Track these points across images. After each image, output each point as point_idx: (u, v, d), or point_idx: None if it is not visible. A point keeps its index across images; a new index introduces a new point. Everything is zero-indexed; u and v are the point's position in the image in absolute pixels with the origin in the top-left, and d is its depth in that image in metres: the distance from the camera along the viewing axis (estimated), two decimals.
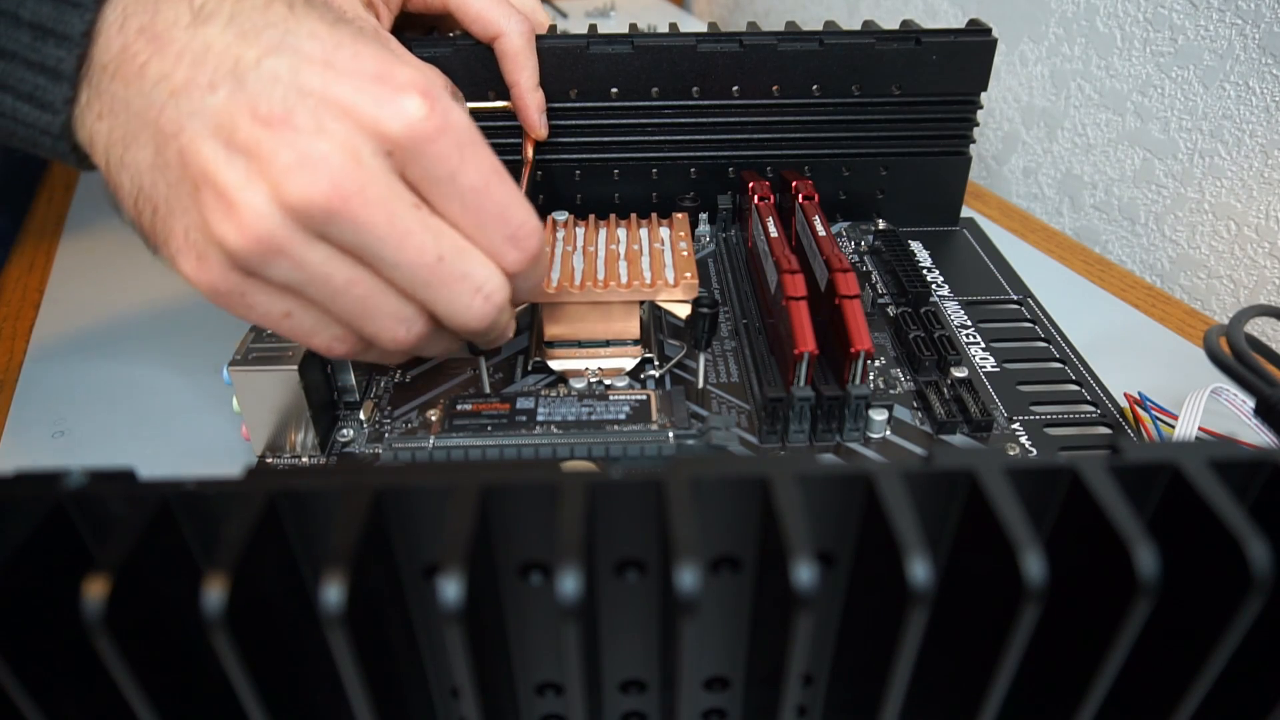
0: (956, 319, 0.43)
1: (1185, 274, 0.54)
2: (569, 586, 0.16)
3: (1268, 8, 0.46)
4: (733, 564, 0.19)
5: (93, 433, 0.38)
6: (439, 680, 0.22)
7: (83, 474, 0.18)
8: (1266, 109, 0.47)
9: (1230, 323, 0.30)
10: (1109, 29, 0.55)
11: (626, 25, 0.49)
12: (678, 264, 0.37)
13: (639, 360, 0.39)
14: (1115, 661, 0.17)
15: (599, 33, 0.46)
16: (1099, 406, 0.37)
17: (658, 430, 0.33)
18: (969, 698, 0.19)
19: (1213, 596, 0.17)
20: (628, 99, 0.46)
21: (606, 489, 0.18)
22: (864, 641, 0.20)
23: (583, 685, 0.18)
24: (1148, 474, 0.18)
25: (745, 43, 0.45)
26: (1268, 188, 0.48)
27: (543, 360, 0.39)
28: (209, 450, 0.36)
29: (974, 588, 0.18)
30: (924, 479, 0.18)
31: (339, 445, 0.35)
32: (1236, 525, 0.16)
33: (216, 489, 0.17)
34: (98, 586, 0.16)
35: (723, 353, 0.40)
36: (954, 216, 0.51)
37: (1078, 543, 0.18)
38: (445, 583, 0.16)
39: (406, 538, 0.19)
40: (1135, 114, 0.55)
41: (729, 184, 0.49)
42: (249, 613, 0.16)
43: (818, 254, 0.38)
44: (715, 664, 0.22)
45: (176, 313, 0.45)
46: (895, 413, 0.36)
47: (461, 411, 0.34)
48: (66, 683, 0.18)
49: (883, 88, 0.47)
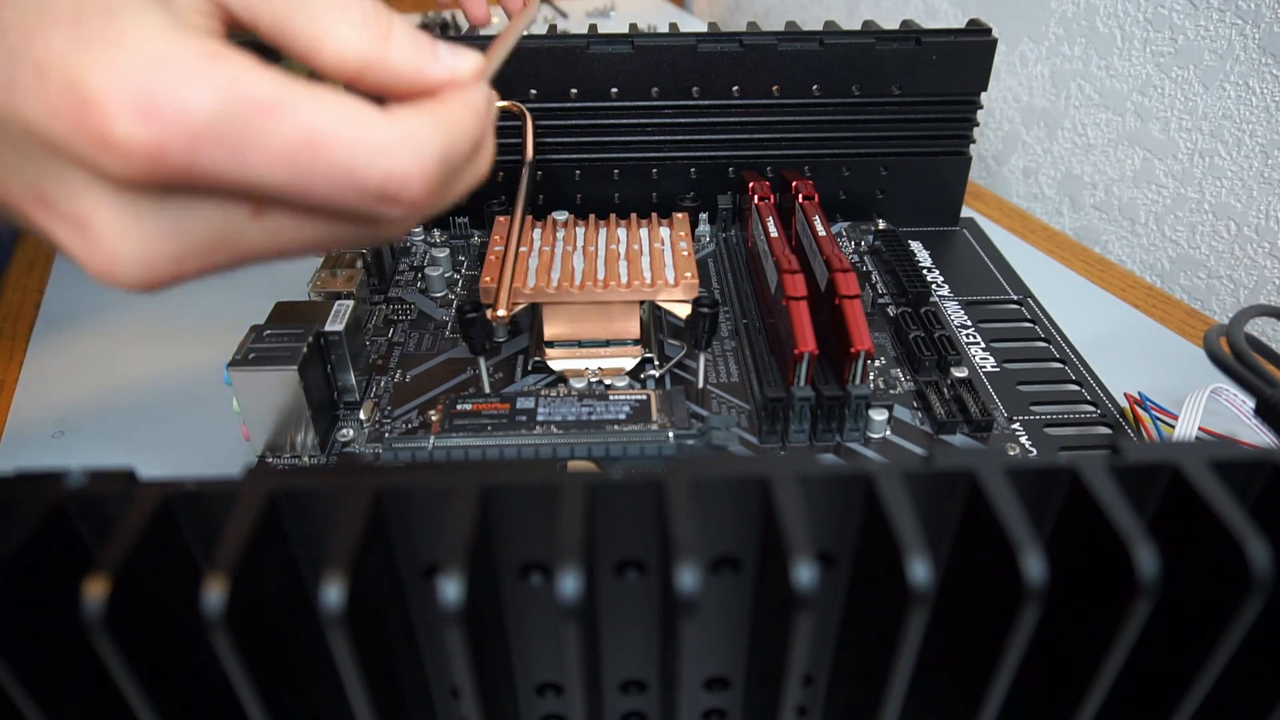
0: (956, 319, 0.43)
1: (1185, 274, 0.54)
2: (569, 586, 0.16)
3: (1268, 8, 0.46)
4: (733, 564, 0.19)
5: (93, 433, 0.38)
6: (439, 680, 0.22)
7: (83, 474, 0.18)
8: (1266, 109, 0.47)
9: (1230, 323, 0.30)
10: (1109, 29, 0.55)
11: (626, 25, 0.49)
12: (678, 264, 0.37)
13: (639, 360, 0.39)
14: (1115, 661, 0.17)
15: (599, 33, 0.46)
16: (1099, 406, 0.37)
17: (658, 430, 0.33)
18: (969, 698, 0.19)
19: (1213, 596, 0.17)
20: (628, 99, 0.46)
21: (606, 489, 0.18)
22: (864, 641, 0.20)
23: (583, 685, 0.18)
24: (1148, 474, 0.18)
25: (745, 43, 0.45)
26: (1268, 188, 0.48)
27: (543, 360, 0.39)
28: (209, 450, 0.36)
29: (974, 588, 0.18)
30: (924, 479, 0.18)
31: (339, 445, 0.35)
32: (1236, 525, 0.16)
33: (216, 489, 0.17)
34: (98, 586, 0.16)
35: (723, 353, 0.40)
36: (954, 216, 0.51)
37: (1078, 543, 0.18)
38: (445, 583, 0.16)
39: (406, 538, 0.19)
40: (1135, 114, 0.55)
41: (729, 184, 0.49)
42: (249, 613, 0.16)
43: (818, 254, 0.38)
44: (715, 664, 0.22)
45: (177, 313, 0.45)
46: (895, 413, 0.36)
47: (461, 411, 0.34)
48: (66, 683, 0.18)
49: (883, 88, 0.47)
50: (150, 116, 0.17)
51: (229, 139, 0.17)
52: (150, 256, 0.19)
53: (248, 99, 0.17)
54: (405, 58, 0.21)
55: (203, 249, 0.20)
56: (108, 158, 0.17)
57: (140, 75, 0.17)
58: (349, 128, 0.18)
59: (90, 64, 0.17)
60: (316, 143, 0.18)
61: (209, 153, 0.17)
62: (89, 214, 0.18)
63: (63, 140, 0.17)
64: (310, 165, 0.18)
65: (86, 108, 0.17)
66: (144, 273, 0.19)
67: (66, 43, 0.17)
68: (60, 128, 0.17)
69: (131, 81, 0.17)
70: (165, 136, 0.17)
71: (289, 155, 0.18)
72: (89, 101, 0.17)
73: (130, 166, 0.17)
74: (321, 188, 0.19)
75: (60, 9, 0.17)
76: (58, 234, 0.19)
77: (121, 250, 0.19)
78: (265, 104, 0.18)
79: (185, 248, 0.19)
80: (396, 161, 0.19)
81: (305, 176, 0.18)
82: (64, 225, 0.19)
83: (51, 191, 0.18)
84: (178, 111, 0.17)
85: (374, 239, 0.22)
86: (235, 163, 0.18)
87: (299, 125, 0.18)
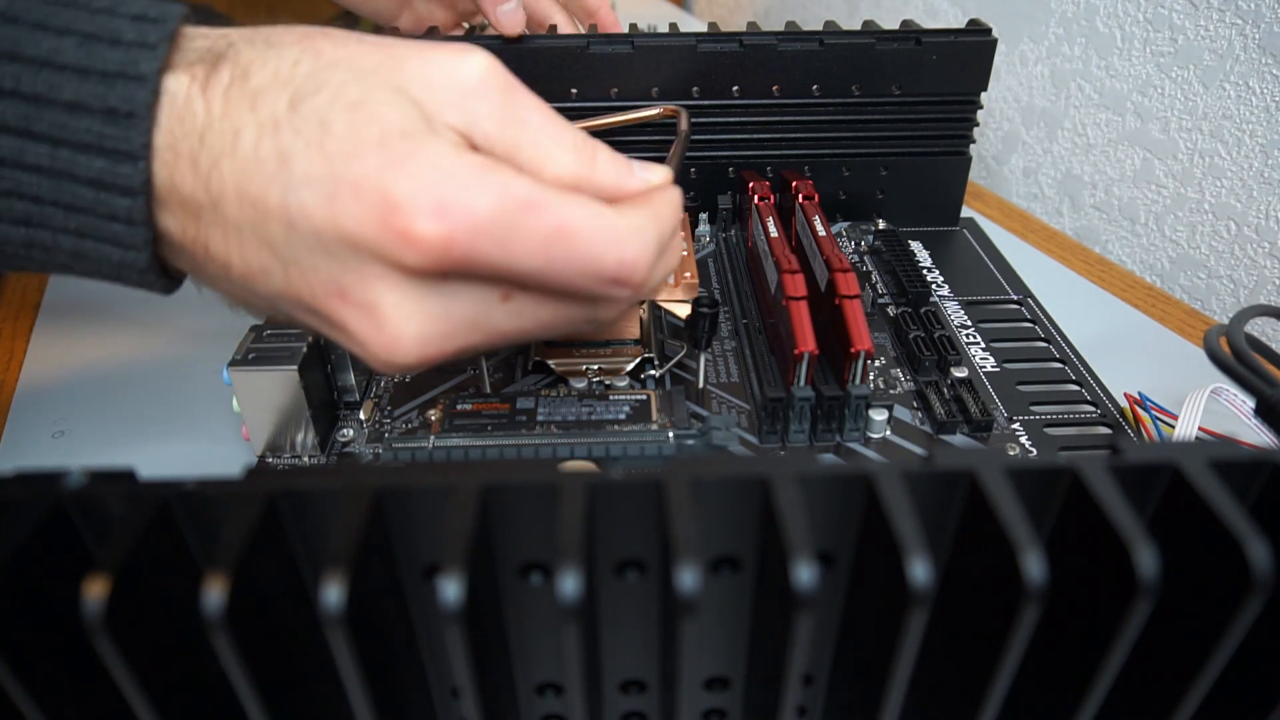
0: (956, 319, 0.43)
1: (1185, 274, 0.54)
2: (569, 586, 0.16)
3: (1268, 8, 0.46)
4: (733, 564, 0.19)
5: (93, 433, 0.38)
6: (439, 680, 0.22)
7: (83, 474, 0.18)
8: (1266, 109, 0.47)
9: (1230, 323, 0.30)
10: (1109, 29, 0.55)
11: (626, 25, 0.49)
12: (678, 264, 0.37)
13: (639, 360, 0.39)
14: (1115, 661, 0.17)
15: (599, 33, 0.46)
16: (1099, 406, 0.37)
17: (658, 430, 0.33)
18: (969, 698, 0.19)
19: (1213, 596, 0.17)
20: (628, 99, 0.46)
21: (606, 489, 0.18)
22: (864, 641, 0.20)
23: (583, 685, 0.18)
24: (1148, 474, 0.18)
25: (745, 43, 0.45)
26: (1268, 188, 0.48)
27: (543, 360, 0.39)
28: (209, 450, 0.36)
29: (974, 588, 0.18)
30: (924, 479, 0.18)
31: (339, 445, 0.35)
32: (1237, 525, 0.16)
33: (216, 489, 0.17)
34: (98, 586, 0.16)
35: (723, 353, 0.40)
36: (954, 216, 0.51)
37: (1078, 543, 0.18)
38: (445, 583, 0.16)
39: (406, 538, 0.19)
40: (1135, 114, 0.55)
41: (729, 184, 0.49)
42: (249, 613, 0.16)
43: (818, 254, 0.38)
44: (715, 664, 0.22)
45: (177, 313, 0.45)
46: (895, 413, 0.36)
47: (461, 411, 0.34)
48: (66, 683, 0.18)
49: (883, 88, 0.47)
50: (443, 215, 0.21)
51: (500, 231, 0.21)
52: (425, 335, 0.23)
53: (515, 199, 0.21)
54: (608, 175, 0.25)
55: (463, 329, 0.23)
56: (407, 250, 0.21)
57: (435, 183, 0.21)
58: (591, 221, 0.22)
59: (395, 177, 0.21)
60: (567, 232, 0.22)
61: (484, 243, 0.21)
62: (379, 299, 0.22)
63: (370, 239, 0.21)
64: (560, 252, 0.22)
65: (394, 211, 0.21)
66: (419, 349, 0.23)
67: (377, 163, 0.21)
68: (370, 230, 0.21)
69: (429, 188, 0.21)
70: (454, 231, 0.21)
71: (544, 244, 0.22)
72: (397, 206, 0.21)
73: (424, 257, 0.21)
74: (566, 271, 0.22)
75: (369, 135, 0.21)
76: (348, 320, 0.22)
77: (403, 329, 0.22)
78: (529, 203, 0.22)
79: (451, 328, 0.23)
80: (628, 249, 0.23)
81: (555, 261, 0.22)
82: (356, 311, 0.22)
83: (350, 284, 0.22)
84: (465, 210, 0.21)
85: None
86: (503, 251, 0.22)
87: (554, 219, 0.22)
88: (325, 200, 0.21)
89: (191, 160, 0.22)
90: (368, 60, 0.22)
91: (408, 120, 0.22)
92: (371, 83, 0.22)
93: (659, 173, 0.26)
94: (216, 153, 0.21)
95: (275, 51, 0.22)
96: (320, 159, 0.21)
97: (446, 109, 0.23)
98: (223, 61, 0.22)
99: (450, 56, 0.23)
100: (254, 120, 0.21)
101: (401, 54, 0.23)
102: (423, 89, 0.22)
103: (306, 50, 0.22)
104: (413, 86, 0.22)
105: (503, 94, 0.23)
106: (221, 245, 0.23)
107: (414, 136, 0.21)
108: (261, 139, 0.21)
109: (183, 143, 0.22)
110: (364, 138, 0.21)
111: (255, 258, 0.22)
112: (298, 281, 0.22)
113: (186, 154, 0.22)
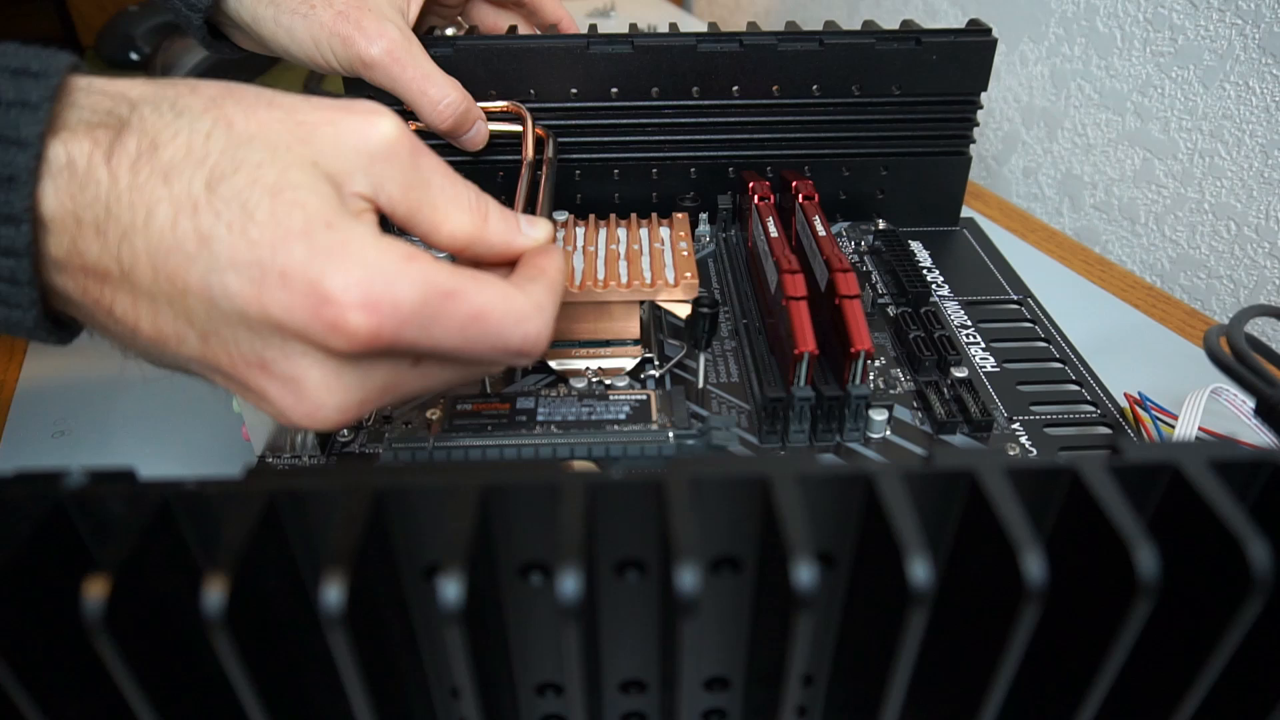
0: (956, 319, 0.43)
1: (1185, 274, 0.54)
2: (569, 586, 0.16)
3: (1268, 8, 0.46)
4: (733, 564, 0.19)
5: (93, 433, 0.38)
6: (439, 680, 0.22)
7: (83, 474, 0.18)
8: (1266, 109, 0.47)
9: (1230, 323, 0.30)
10: (1109, 29, 0.55)
11: (626, 25, 0.49)
12: (678, 264, 0.37)
13: (639, 360, 0.39)
14: (1115, 661, 0.17)
15: (599, 33, 0.46)
16: (1099, 406, 0.37)
17: (658, 430, 0.33)
18: (969, 698, 0.19)
19: (1213, 597, 0.17)
20: (628, 99, 0.46)
21: (606, 489, 0.18)
22: (864, 641, 0.20)
23: (583, 685, 0.18)
24: (1148, 474, 0.18)
25: (745, 43, 0.45)
26: (1268, 188, 0.48)
27: (543, 360, 0.39)
28: (209, 450, 0.36)
29: (974, 588, 0.18)
30: (924, 479, 0.18)
31: (339, 445, 0.35)
32: (1236, 525, 0.16)
33: (216, 489, 0.17)
34: (98, 586, 0.16)
35: (723, 353, 0.40)
36: (954, 216, 0.51)
37: (1078, 543, 0.18)
38: (445, 583, 0.16)
39: (406, 538, 0.19)
40: (1135, 114, 0.55)
41: (729, 184, 0.49)
42: (249, 613, 0.16)
43: (818, 254, 0.38)
44: (715, 664, 0.22)
45: None
46: (895, 413, 0.36)
47: (461, 411, 0.34)
48: (66, 683, 0.18)
49: (883, 88, 0.47)
50: (373, 309, 0.22)
51: (423, 320, 0.23)
52: (345, 405, 0.24)
53: (437, 289, 0.23)
54: (498, 233, 0.27)
55: (378, 394, 0.25)
56: (335, 338, 0.22)
57: (364, 278, 0.22)
58: (501, 305, 0.24)
59: (324, 270, 0.22)
60: (481, 316, 0.24)
61: (408, 330, 0.23)
62: (303, 375, 0.23)
63: (298, 326, 0.22)
64: (475, 334, 0.24)
65: (325, 304, 0.22)
66: (338, 416, 0.24)
67: (303, 254, 0.22)
68: (299, 318, 0.22)
69: (357, 283, 0.22)
70: (382, 322, 0.22)
71: (461, 328, 0.24)
72: (327, 299, 0.22)
73: (351, 344, 0.22)
74: (478, 348, 0.24)
75: (293, 225, 0.22)
76: (268, 389, 0.24)
77: (324, 400, 0.24)
78: (448, 292, 0.23)
79: (367, 395, 0.24)
80: (531, 327, 0.25)
81: (470, 340, 0.24)
82: (277, 383, 0.23)
83: (272, 359, 0.23)
84: (392, 303, 0.22)
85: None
86: (425, 335, 0.23)
87: (470, 306, 0.23)
88: (251, 285, 0.21)
89: (97, 229, 0.21)
90: (279, 133, 0.23)
91: (327, 207, 0.22)
92: (287, 161, 0.22)
93: (542, 229, 0.28)
94: (126, 225, 0.21)
95: (185, 121, 0.22)
96: (244, 245, 0.21)
97: (355, 175, 0.24)
98: (127, 130, 0.21)
99: (359, 122, 0.24)
100: (168, 196, 0.21)
101: (311, 121, 0.23)
102: (333, 159, 0.23)
103: (218, 122, 0.22)
104: (324, 158, 0.23)
105: (408, 158, 0.25)
106: (130, 310, 0.23)
107: (336, 227, 0.22)
108: (179, 218, 0.21)
109: (86, 211, 0.21)
110: (288, 226, 0.22)
111: (169, 326, 0.23)
112: (216, 350, 0.23)
113: (90, 222, 0.21)
